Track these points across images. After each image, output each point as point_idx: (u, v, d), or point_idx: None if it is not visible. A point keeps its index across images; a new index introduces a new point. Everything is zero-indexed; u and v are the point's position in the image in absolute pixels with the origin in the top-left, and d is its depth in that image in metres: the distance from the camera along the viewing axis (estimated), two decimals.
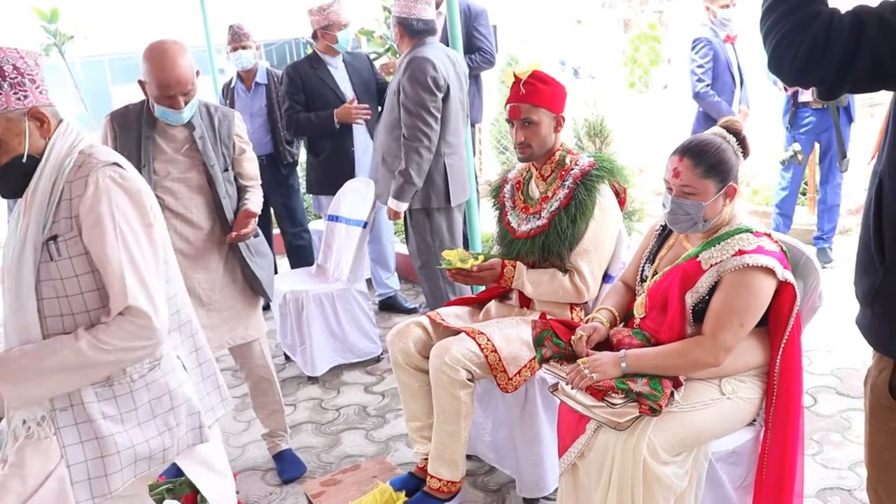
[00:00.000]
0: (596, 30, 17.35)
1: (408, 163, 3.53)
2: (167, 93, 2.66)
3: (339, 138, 4.37)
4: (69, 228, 1.80)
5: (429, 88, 3.47)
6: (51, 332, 1.81)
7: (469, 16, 4.67)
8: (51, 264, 1.79)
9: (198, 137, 2.81)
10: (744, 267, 2.04)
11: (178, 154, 2.81)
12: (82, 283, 1.81)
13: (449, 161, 3.65)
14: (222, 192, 2.86)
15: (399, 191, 3.57)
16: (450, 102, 3.58)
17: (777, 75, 1.45)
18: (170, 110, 2.70)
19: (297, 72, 4.38)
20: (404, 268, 5.53)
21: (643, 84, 14.16)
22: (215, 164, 2.85)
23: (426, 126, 3.50)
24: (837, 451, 2.95)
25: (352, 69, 4.47)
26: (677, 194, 2.13)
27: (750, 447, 2.20)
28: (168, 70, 2.63)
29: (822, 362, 3.68)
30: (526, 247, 2.72)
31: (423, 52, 3.53)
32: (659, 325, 2.21)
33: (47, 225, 1.79)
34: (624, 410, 2.04)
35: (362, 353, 4.17)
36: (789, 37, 1.38)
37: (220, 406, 2.18)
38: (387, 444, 3.35)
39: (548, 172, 2.76)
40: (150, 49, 2.66)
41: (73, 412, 1.82)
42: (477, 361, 2.56)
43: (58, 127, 1.87)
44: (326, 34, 4.31)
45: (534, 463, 2.68)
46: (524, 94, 2.65)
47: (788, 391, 2.13)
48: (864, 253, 1.52)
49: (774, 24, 1.41)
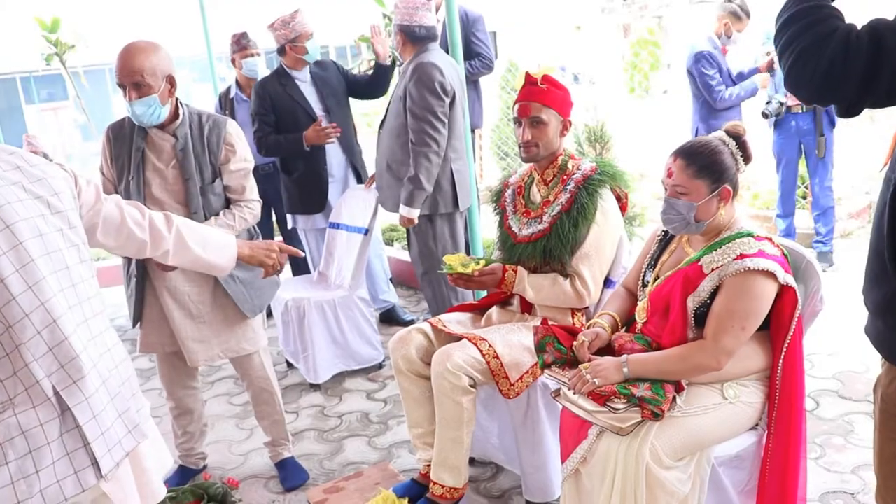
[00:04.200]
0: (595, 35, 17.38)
1: (417, 168, 3.53)
2: (119, 80, 2.64)
3: (311, 158, 4.26)
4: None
5: (436, 93, 3.49)
6: None
7: (467, 22, 4.68)
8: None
9: (178, 149, 2.79)
10: (745, 271, 2.05)
11: (166, 166, 2.80)
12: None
13: (456, 166, 3.66)
14: (193, 207, 2.80)
15: (410, 197, 3.57)
16: (455, 108, 3.60)
17: (795, 95, 1.42)
18: (129, 104, 2.67)
19: (265, 90, 4.25)
20: (405, 275, 5.53)
21: (643, 89, 14.20)
22: (191, 177, 2.79)
23: (434, 131, 3.51)
24: (840, 454, 2.95)
25: (320, 81, 4.32)
26: (670, 194, 2.16)
27: (752, 451, 2.20)
28: (121, 58, 2.62)
29: (824, 366, 3.67)
30: (527, 251, 2.73)
31: (429, 58, 3.55)
32: (661, 330, 2.21)
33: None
34: (626, 415, 2.05)
35: (364, 360, 4.16)
36: (805, 56, 1.34)
37: (129, 438, 1.76)
38: (389, 451, 3.35)
39: (550, 177, 2.76)
40: None
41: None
42: (479, 367, 2.56)
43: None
44: (295, 47, 4.19)
45: (538, 468, 2.68)
46: (535, 93, 2.66)
47: (790, 395, 2.14)
48: (875, 262, 1.47)
49: (790, 43, 1.37)
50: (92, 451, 1.64)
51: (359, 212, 4.21)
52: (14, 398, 1.56)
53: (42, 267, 1.61)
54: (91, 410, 1.65)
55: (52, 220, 1.67)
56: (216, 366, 4.50)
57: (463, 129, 3.71)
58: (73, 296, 1.68)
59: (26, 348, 1.56)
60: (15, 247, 1.57)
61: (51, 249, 1.65)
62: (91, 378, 1.66)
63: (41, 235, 1.63)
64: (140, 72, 2.61)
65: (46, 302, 1.60)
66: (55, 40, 11.46)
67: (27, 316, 1.57)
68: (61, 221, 1.70)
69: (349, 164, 4.43)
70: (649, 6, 16.85)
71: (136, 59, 2.61)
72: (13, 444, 1.55)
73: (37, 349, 1.58)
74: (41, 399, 1.58)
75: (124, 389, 1.78)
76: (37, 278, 1.59)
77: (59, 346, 1.61)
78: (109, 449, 1.68)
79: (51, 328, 1.60)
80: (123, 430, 1.73)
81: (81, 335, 1.67)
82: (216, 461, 3.36)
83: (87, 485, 1.62)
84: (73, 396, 1.62)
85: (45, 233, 1.64)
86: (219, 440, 3.60)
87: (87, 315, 1.72)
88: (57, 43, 11.54)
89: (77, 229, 1.74)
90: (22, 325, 1.56)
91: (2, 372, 1.55)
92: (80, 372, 1.64)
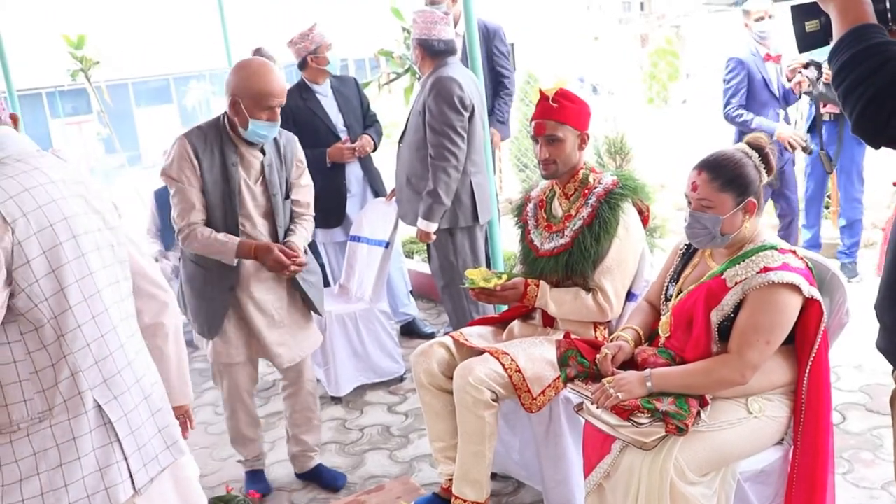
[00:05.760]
0: (613, 46, 17.39)
1: (436, 182, 3.54)
2: (268, 103, 2.71)
3: (331, 173, 4.27)
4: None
5: (455, 108, 3.49)
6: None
7: (487, 34, 4.68)
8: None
9: (266, 164, 2.87)
10: (769, 284, 2.03)
11: (254, 182, 2.86)
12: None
13: (475, 180, 3.66)
14: (280, 222, 2.91)
15: (428, 211, 3.58)
16: (475, 121, 3.61)
17: (866, 141, 1.36)
18: (265, 124, 2.74)
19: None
20: (426, 287, 5.53)
21: (662, 99, 14.17)
22: (278, 192, 2.89)
23: (453, 145, 3.51)
24: (869, 469, 2.91)
25: (340, 96, 4.34)
26: (695, 208, 2.14)
27: (778, 466, 2.18)
28: (272, 80, 2.71)
29: (851, 378, 3.63)
30: (549, 265, 2.72)
31: (448, 73, 3.56)
32: (684, 344, 2.19)
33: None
34: (650, 430, 2.03)
35: (385, 373, 4.16)
36: (876, 103, 1.27)
37: (167, 454, 1.78)
38: (411, 465, 3.35)
39: (571, 191, 2.76)
40: (244, 64, 2.76)
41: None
42: (501, 381, 2.55)
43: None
44: (317, 58, 4.20)
45: (560, 482, 2.67)
46: (550, 110, 2.66)
47: (817, 409, 2.11)
48: (893, 276, 1.46)
49: (854, 88, 1.30)
50: (129, 465, 1.66)
51: (380, 225, 4.22)
52: (53, 408, 1.59)
53: (98, 280, 1.66)
54: (129, 426, 1.68)
55: (107, 235, 1.72)
56: None
57: (482, 142, 3.71)
58: (121, 311, 1.73)
59: (74, 359, 1.60)
60: (78, 258, 1.62)
61: (106, 264, 1.70)
62: (133, 393, 1.70)
63: (99, 249, 1.68)
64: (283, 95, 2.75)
65: (98, 315, 1.64)
66: (81, 56, 11.66)
67: (80, 327, 1.60)
68: (113, 237, 1.75)
69: (367, 181, 4.46)
70: (667, 16, 16.85)
71: (282, 80, 2.74)
72: (46, 455, 1.58)
73: (84, 361, 1.61)
74: (78, 411, 1.60)
75: (166, 406, 1.81)
76: (92, 291, 1.64)
77: (105, 360, 1.65)
78: (145, 464, 1.70)
79: (99, 342, 1.63)
80: (162, 446, 1.76)
81: (128, 350, 1.71)
82: (236, 474, 3.36)
83: (116, 501, 1.63)
84: (114, 411, 1.65)
85: (101, 247, 1.70)
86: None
87: (134, 330, 1.77)
88: (82, 59, 11.74)
89: (123, 246, 1.79)
90: (73, 336, 1.59)
91: (45, 381, 1.58)
92: (122, 387, 1.67)
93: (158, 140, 20.60)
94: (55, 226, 1.58)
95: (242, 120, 2.75)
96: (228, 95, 2.75)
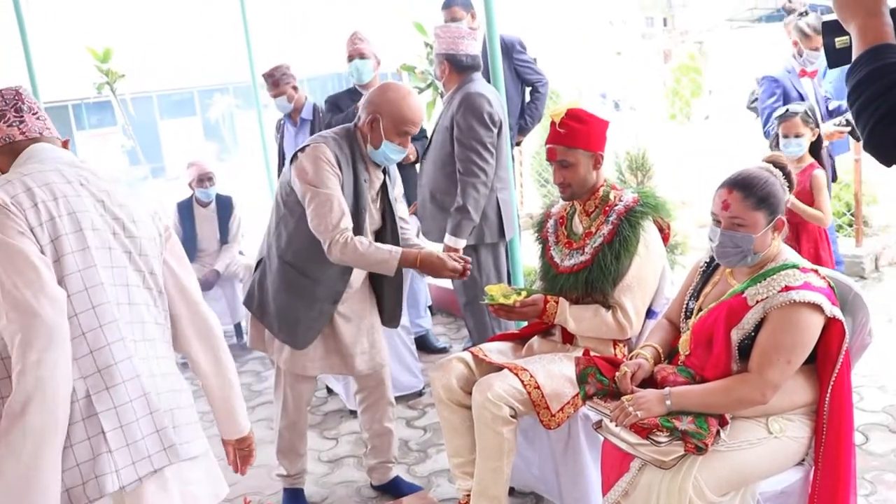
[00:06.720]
0: (636, 61, 17.38)
1: (465, 198, 3.51)
2: (407, 129, 2.75)
3: None
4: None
5: (485, 123, 3.48)
6: None
7: (505, 48, 4.66)
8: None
9: (387, 185, 2.92)
10: (791, 303, 2.02)
11: (373, 201, 2.90)
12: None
13: (502, 196, 3.65)
14: (387, 239, 2.92)
15: (457, 227, 3.54)
16: (501, 137, 3.60)
17: (878, 159, 1.35)
18: (397, 148, 2.77)
19: (336, 104, 4.42)
20: (446, 302, 5.54)
21: (684, 115, 14.13)
22: (389, 210, 2.95)
23: (482, 161, 3.50)
24: (892, 491, 2.87)
25: None
26: (727, 226, 2.13)
27: (799, 487, 2.16)
28: (416, 108, 2.77)
29: (873, 399, 3.59)
30: (569, 282, 2.72)
31: (476, 88, 3.55)
32: (704, 363, 2.19)
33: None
34: (669, 449, 2.02)
35: (404, 388, 4.16)
36: (886, 120, 1.27)
37: (161, 456, 1.74)
38: (429, 480, 3.34)
39: (591, 208, 2.76)
40: (394, 86, 2.81)
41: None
42: (520, 398, 2.55)
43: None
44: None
45: (578, 500, 2.66)
46: (559, 135, 2.66)
47: (839, 430, 2.10)
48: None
49: (866, 106, 1.30)
50: (114, 460, 1.66)
51: None
52: None
53: (102, 273, 1.72)
54: (118, 419, 1.68)
55: (123, 241, 1.79)
56: (256, 390, 4.55)
57: (507, 158, 3.71)
58: (128, 312, 1.76)
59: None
60: (83, 249, 1.70)
61: (115, 264, 1.76)
62: (129, 387, 1.70)
63: (109, 249, 1.75)
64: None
65: (98, 306, 1.70)
66: (106, 70, 11.82)
67: (77, 315, 1.66)
68: (132, 245, 1.81)
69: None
70: (690, 31, 16.82)
71: (422, 109, 2.81)
72: None
73: (78, 349, 1.65)
74: (70, 399, 1.63)
75: (173, 408, 1.80)
76: (94, 282, 1.70)
77: (100, 350, 1.68)
78: (134, 461, 1.69)
79: (96, 332, 1.68)
80: (157, 447, 1.74)
81: (128, 347, 1.72)
82: (254, 486, 3.37)
83: (104, 491, 1.64)
84: (101, 402, 1.67)
85: (113, 248, 1.76)
86: (259, 465, 3.61)
87: (147, 336, 1.80)
88: (108, 72, 11.89)
89: (147, 259, 1.84)
90: (70, 323, 1.64)
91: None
92: (116, 378, 1.69)
93: (182, 152, 20.83)
94: (61, 218, 1.68)
95: (376, 138, 2.75)
96: (369, 112, 2.75)
